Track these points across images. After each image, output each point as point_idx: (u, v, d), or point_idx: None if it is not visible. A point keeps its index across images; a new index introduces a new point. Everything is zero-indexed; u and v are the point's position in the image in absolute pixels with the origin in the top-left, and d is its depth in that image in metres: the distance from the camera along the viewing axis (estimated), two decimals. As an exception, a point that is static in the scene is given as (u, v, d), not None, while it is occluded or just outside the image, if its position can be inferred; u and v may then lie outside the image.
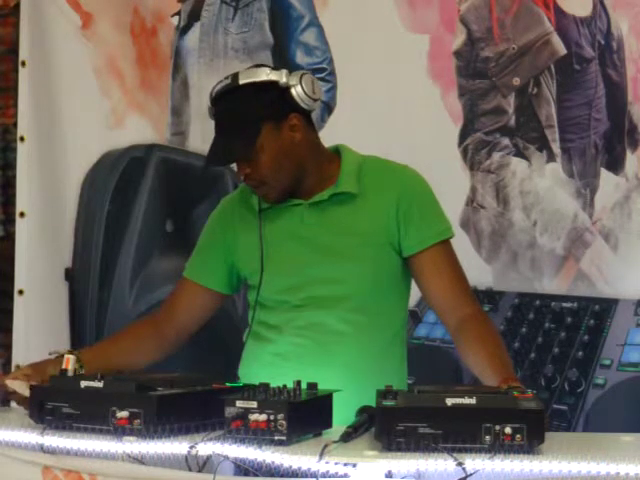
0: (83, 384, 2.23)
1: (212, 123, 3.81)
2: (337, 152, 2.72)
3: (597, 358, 3.41)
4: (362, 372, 2.57)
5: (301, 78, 2.59)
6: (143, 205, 3.86)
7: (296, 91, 2.58)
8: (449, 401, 2.01)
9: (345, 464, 1.99)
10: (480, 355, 2.50)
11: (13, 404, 2.53)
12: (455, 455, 1.94)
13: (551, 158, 3.50)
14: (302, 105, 2.59)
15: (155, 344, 2.79)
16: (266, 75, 2.58)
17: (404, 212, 2.62)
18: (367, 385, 2.40)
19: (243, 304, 3.80)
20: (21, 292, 3.86)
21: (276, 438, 2.05)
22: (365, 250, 2.61)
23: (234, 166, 3.79)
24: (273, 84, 2.58)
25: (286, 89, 2.58)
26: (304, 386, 2.23)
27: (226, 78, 2.60)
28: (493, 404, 2.02)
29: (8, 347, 3.89)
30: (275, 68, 2.62)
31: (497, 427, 1.98)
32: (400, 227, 2.62)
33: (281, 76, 2.58)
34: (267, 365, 2.64)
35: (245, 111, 2.57)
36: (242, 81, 2.57)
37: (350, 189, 2.63)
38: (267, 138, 2.57)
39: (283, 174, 2.61)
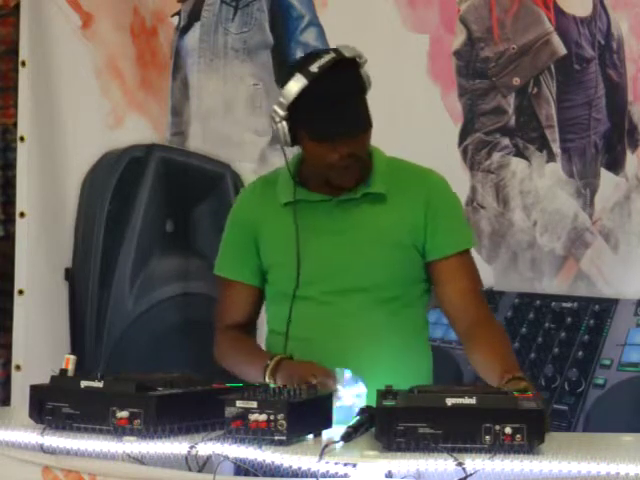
0: (83, 384, 2.23)
1: (212, 123, 3.85)
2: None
3: (597, 358, 3.41)
4: (384, 369, 2.53)
5: None
6: (143, 205, 3.85)
7: (365, 73, 2.57)
8: (449, 401, 2.01)
9: (345, 464, 1.99)
10: (487, 356, 2.52)
11: (13, 404, 2.53)
12: (455, 455, 1.94)
13: (551, 158, 3.49)
14: (368, 88, 2.58)
15: None
16: (358, 51, 2.56)
17: (432, 217, 2.62)
18: (390, 382, 2.36)
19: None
20: (21, 292, 3.87)
21: (276, 438, 2.06)
22: (389, 249, 2.61)
23: (234, 166, 3.81)
24: (358, 61, 2.56)
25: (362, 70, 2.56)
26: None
27: (326, 52, 2.55)
28: (493, 404, 2.02)
29: (8, 347, 3.89)
30: None
31: (497, 427, 1.98)
32: (427, 231, 2.62)
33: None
34: None
35: (360, 84, 2.55)
36: (347, 54, 2.53)
37: (381, 190, 2.62)
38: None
39: (367, 157, 2.61)
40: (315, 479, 1.99)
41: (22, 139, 3.90)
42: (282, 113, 2.54)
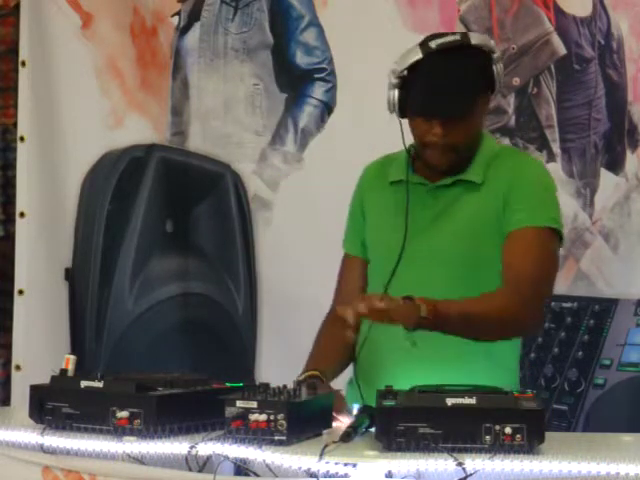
0: (83, 384, 2.23)
1: (212, 123, 3.85)
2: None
3: (597, 358, 3.41)
4: (469, 366, 2.47)
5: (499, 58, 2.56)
6: (143, 205, 3.85)
7: (497, 69, 2.54)
8: (449, 401, 2.01)
9: (345, 464, 1.99)
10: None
11: (13, 404, 2.53)
12: (455, 455, 1.94)
13: (551, 158, 3.49)
14: (497, 85, 2.56)
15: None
16: (492, 44, 2.54)
17: (507, 198, 2.53)
18: (477, 379, 2.30)
19: (243, 304, 3.80)
20: (21, 292, 3.86)
21: (276, 438, 2.06)
22: (474, 239, 2.54)
23: (234, 166, 3.81)
24: (490, 55, 2.54)
25: (494, 65, 2.54)
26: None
27: (453, 34, 2.54)
28: (493, 404, 2.02)
29: (8, 347, 3.89)
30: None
31: (497, 427, 1.98)
32: (505, 210, 2.54)
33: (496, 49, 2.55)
34: (378, 356, 2.57)
35: (476, 73, 2.52)
36: (474, 42, 2.52)
37: (474, 179, 2.57)
38: (478, 107, 2.55)
39: (469, 147, 2.56)
40: (315, 479, 1.99)
41: (22, 139, 3.89)
42: (394, 81, 2.56)
